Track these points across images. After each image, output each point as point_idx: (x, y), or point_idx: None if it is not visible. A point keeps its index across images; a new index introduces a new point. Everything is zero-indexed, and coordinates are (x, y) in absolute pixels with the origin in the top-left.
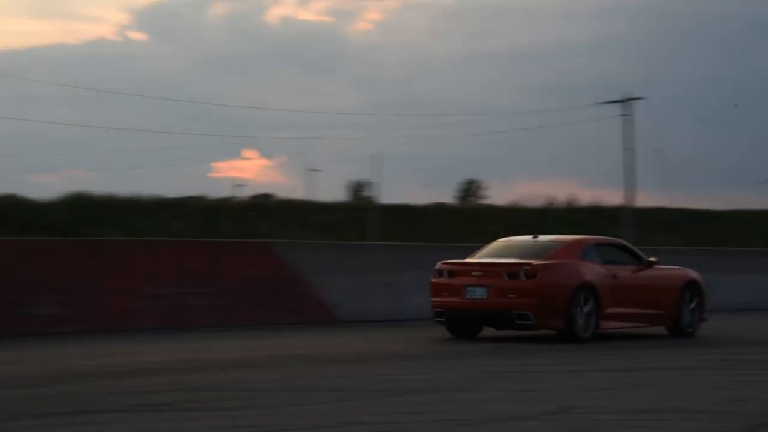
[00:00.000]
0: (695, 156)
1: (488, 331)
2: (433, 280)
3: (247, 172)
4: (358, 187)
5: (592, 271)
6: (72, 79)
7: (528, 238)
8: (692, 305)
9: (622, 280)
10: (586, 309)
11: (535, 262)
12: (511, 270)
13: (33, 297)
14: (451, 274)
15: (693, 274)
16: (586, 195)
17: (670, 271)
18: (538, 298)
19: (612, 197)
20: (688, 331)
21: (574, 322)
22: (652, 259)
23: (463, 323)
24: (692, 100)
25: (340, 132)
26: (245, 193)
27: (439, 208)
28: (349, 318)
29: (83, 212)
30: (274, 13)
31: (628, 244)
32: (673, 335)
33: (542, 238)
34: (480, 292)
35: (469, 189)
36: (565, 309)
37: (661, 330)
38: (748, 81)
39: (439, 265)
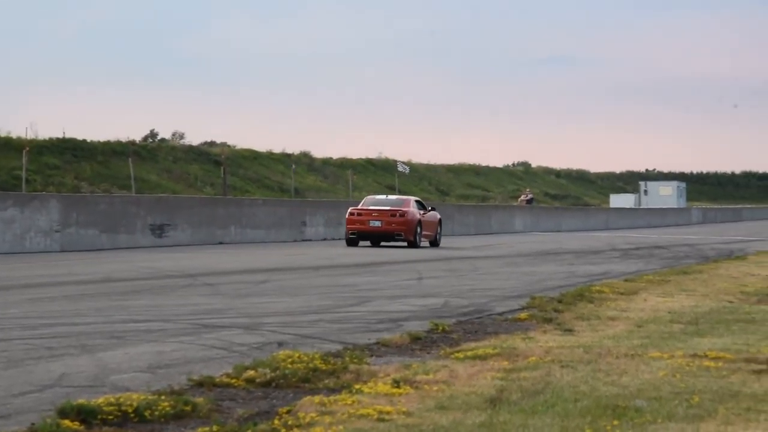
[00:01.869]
0: None
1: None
2: (348, 216)
3: None
4: None
5: (417, 213)
6: None
7: (384, 196)
8: (440, 231)
9: (424, 218)
10: (419, 231)
11: (400, 209)
12: (392, 212)
13: None
14: (359, 214)
15: (439, 216)
16: None
17: (432, 213)
18: (406, 226)
19: None
20: (439, 243)
21: (416, 238)
22: (430, 208)
23: (368, 238)
24: None
25: None
26: None
27: None
28: None
29: None
30: None
31: (421, 200)
32: (431, 246)
33: (391, 197)
34: (376, 223)
35: None
36: (414, 231)
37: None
38: None
39: (350, 209)
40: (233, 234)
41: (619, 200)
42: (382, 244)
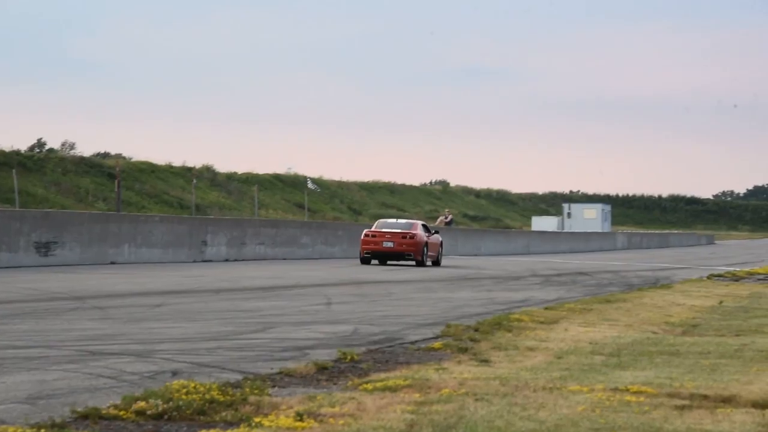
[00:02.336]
0: None
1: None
2: (363, 237)
3: None
4: None
5: (424, 236)
6: None
7: (394, 220)
8: (442, 252)
9: (429, 240)
10: (425, 252)
11: (410, 231)
12: (403, 235)
13: None
14: (373, 235)
15: (441, 239)
16: None
17: (436, 236)
18: (415, 248)
19: None
20: (440, 262)
21: (423, 257)
22: (434, 231)
23: (380, 258)
24: None
25: None
26: None
27: None
28: None
29: None
30: None
31: (426, 224)
32: (434, 265)
33: (401, 220)
34: (389, 244)
35: None
36: (422, 252)
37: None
38: None
39: (365, 231)
40: (127, 253)
41: (542, 223)
42: (389, 263)
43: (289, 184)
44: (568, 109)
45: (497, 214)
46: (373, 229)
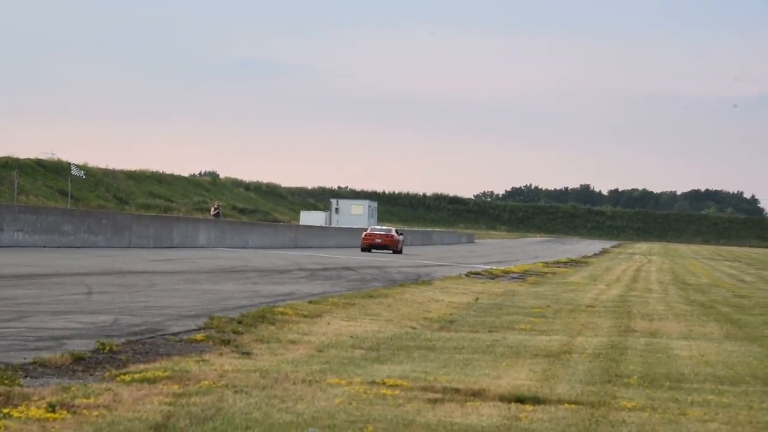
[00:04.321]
0: None
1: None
2: (364, 236)
3: None
4: None
5: (396, 235)
6: None
7: (379, 226)
8: (403, 244)
9: (399, 237)
10: (399, 246)
11: (389, 234)
12: (387, 234)
13: None
14: (369, 235)
15: (403, 237)
16: None
17: (401, 237)
18: (392, 242)
19: None
20: (402, 252)
21: (396, 248)
22: (400, 233)
23: (373, 248)
24: None
25: None
26: None
27: None
28: None
29: None
30: None
31: (398, 229)
32: (399, 253)
33: (384, 226)
34: (378, 240)
35: None
36: (395, 245)
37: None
38: None
39: (365, 232)
40: None
41: (310, 218)
42: (373, 251)
43: (52, 170)
44: (338, 105)
45: (266, 207)
46: (368, 231)
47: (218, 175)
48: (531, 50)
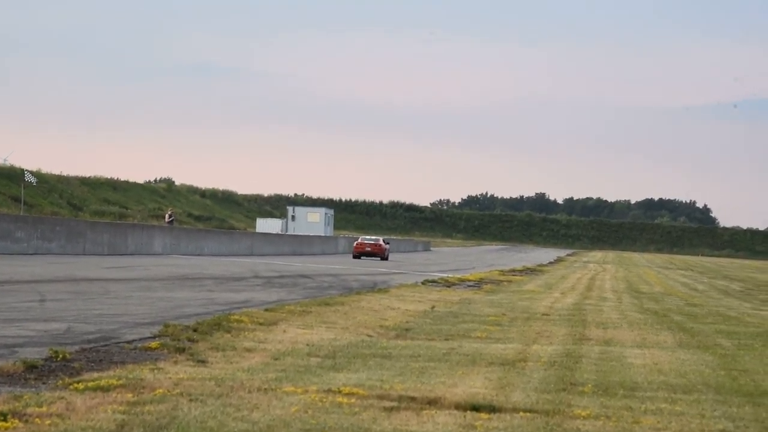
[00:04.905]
0: None
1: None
2: (355, 245)
3: None
4: None
5: (383, 244)
6: None
7: (369, 237)
8: (389, 251)
9: (385, 245)
10: (386, 254)
11: (378, 243)
12: (376, 243)
13: None
14: (360, 245)
15: (389, 246)
16: None
17: (387, 246)
18: (380, 250)
19: None
20: (388, 258)
21: (383, 255)
22: (387, 242)
23: (364, 255)
24: None
25: None
26: None
27: None
28: None
29: None
30: None
31: (385, 238)
32: (386, 260)
33: (372, 237)
34: (368, 249)
35: None
36: (383, 252)
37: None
38: None
39: (356, 242)
40: None
41: (266, 225)
42: (363, 258)
43: (5, 176)
44: (295, 112)
45: (222, 214)
46: (360, 241)
47: (174, 182)
48: (487, 59)
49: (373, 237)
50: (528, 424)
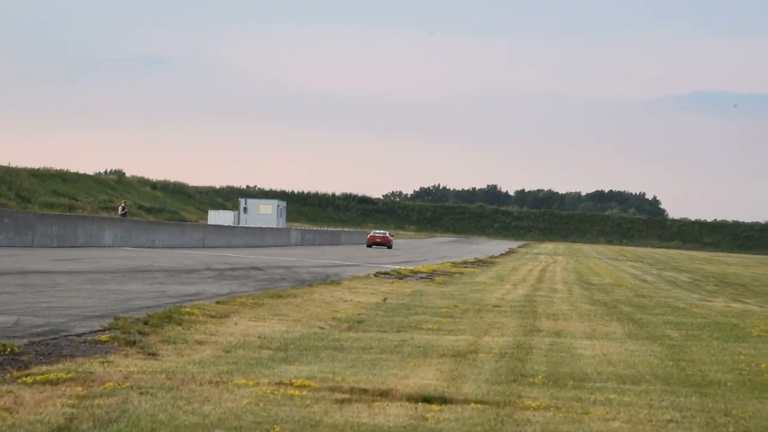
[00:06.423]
0: None
1: None
2: (369, 236)
3: None
4: None
5: (389, 236)
6: None
7: (379, 230)
8: (393, 242)
9: (391, 237)
10: (391, 244)
11: (386, 235)
12: (384, 236)
13: None
14: (373, 236)
15: (393, 237)
16: None
17: (392, 238)
18: (387, 241)
19: None
20: (392, 247)
21: (391, 245)
22: (391, 234)
23: (375, 245)
24: None
25: None
26: None
27: None
28: None
29: None
30: None
31: (390, 232)
32: (390, 248)
33: (381, 230)
34: (379, 239)
35: None
36: (389, 243)
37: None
38: None
39: (369, 235)
40: None
41: (218, 217)
42: (374, 247)
43: None
44: (246, 103)
45: (174, 206)
46: (372, 234)
47: (125, 173)
48: (437, 49)
49: (382, 231)
50: (479, 416)
